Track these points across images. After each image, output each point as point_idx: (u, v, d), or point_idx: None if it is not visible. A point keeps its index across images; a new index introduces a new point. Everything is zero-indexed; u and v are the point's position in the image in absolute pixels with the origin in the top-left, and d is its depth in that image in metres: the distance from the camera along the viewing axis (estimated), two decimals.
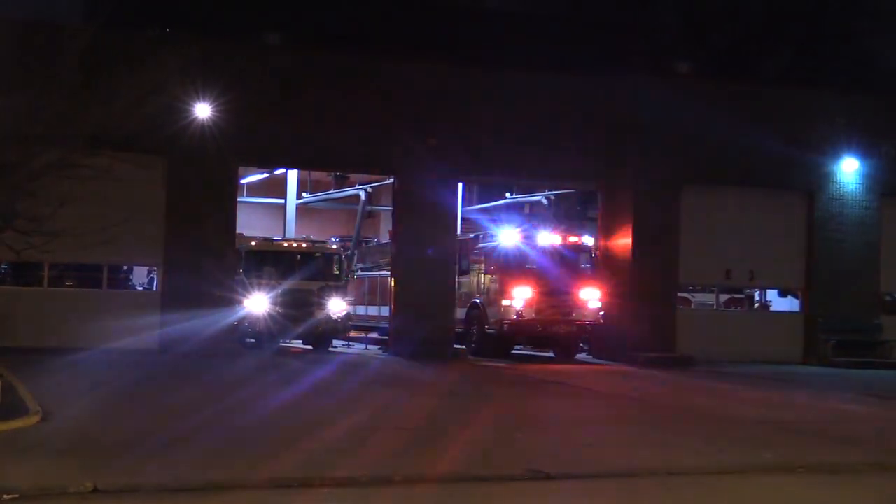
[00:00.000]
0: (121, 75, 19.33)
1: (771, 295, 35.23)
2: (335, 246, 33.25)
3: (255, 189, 38.95)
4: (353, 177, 37.33)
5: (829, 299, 32.17)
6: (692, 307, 34.77)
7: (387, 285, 31.81)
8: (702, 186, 31.29)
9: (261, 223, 37.53)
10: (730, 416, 18.02)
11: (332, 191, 39.30)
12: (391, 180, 31.93)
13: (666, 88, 31.02)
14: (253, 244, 31.19)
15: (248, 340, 30.09)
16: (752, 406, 19.73)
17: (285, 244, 32.47)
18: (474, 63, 31.33)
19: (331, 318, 30.78)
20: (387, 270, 32.51)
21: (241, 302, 28.98)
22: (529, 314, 28.91)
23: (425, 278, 29.45)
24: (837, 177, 32.57)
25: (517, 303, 28.83)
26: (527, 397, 20.65)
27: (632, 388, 22.70)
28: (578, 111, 30.59)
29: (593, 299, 29.49)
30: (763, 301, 34.73)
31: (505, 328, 29.01)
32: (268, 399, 18.09)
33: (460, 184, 31.76)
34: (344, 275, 32.51)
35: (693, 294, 35.76)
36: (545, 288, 29.25)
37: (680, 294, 32.47)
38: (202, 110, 26.51)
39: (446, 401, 18.88)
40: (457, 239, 31.51)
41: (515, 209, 37.75)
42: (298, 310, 30.02)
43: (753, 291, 35.85)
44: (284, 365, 25.76)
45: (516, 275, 29.23)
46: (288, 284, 30.20)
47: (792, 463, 12.94)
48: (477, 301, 30.06)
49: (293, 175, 36.67)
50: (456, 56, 32.46)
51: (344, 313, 31.46)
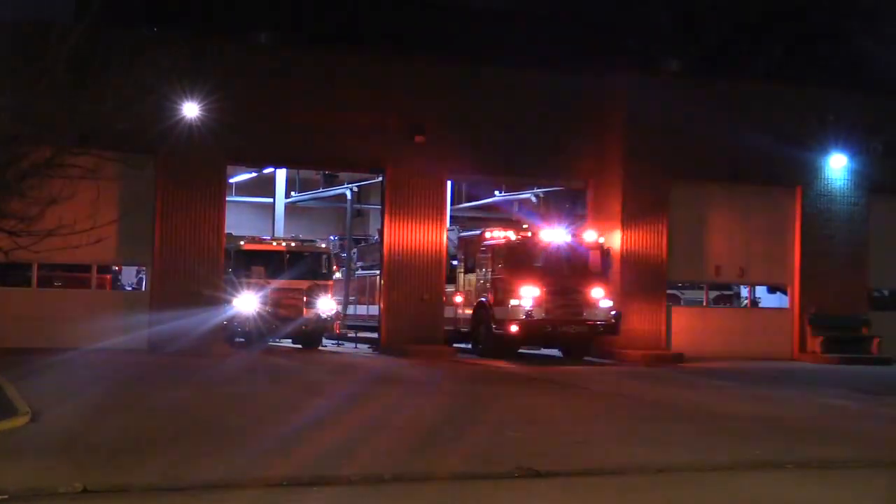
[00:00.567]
0: (110, 75, 19.30)
1: (760, 291, 35.32)
2: (324, 245, 33.21)
3: (244, 188, 38.90)
4: (342, 175, 37.29)
5: (819, 295, 32.28)
6: (681, 304, 34.81)
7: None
8: (691, 183, 31.36)
9: (250, 222, 37.48)
10: (720, 413, 18.05)
11: (321, 189, 39.26)
12: (379, 179, 31.92)
13: (655, 86, 31.15)
14: (242, 243, 31.10)
15: (238, 340, 30.07)
16: (742, 402, 19.81)
17: (274, 243, 32.39)
18: (463, 61, 31.37)
19: (320, 318, 30.78)
20: None
21: (230, 301, 28.95)
22: (539, 314, 27.83)
23: (415, 277, 29.48)
24: (826, 173, 32.70)
25: (526, 302, 27.75)
26: (514, 395, 20.64)
27: (622, 385, 22.71)
28: (568, 109, 30.66)
29: (605, 298, 28.53)
30: (752, 297, 34.81)
31: (513, 329, 27.77)
32: (257, 398, 18.11)
33: (449, 182, 31.72)
34: (332, 274, 32.56)
35: (682, 291, 35.82)
36: (555, 287, 28.20)
37: (669, 291, 32.50)
38: (191, 110, 26.41)
39: (434, 399, 18.88)
40: (460, 236, 31.40)
41: (505, 207, 37.77)
42: (287, 309, 30.04)
43: (740, 288, 35.94)
44: (273, 364, 25.75)
45: (525, 273, 28.26)
46: (277, 283, 30.18)
47: (781, 459, 13.00)
48: (484, 300, 28.98)
49: (282, 174, 36.63)
50: (444, 55, 32.49)
51: (333, 312, 31.45)
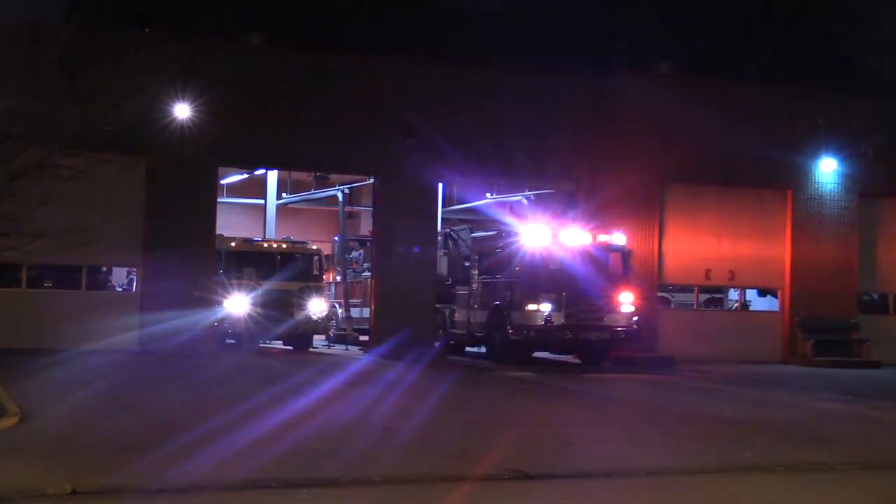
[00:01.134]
0: (100, 75, 19.30)
1: (751, 294, 35.38)
2: (315, 246, 33.22)
3: (235, 189, 38.84)
4: (334, 177, 37.27)
5: (808, 299, 32.40)
6: (672, 307, 34.87)
7: None
8: (683, 186, 31.47)
9: (241, 224, 37.46)
10: (710, 416, 18.09)
11: (312, 191, 39.24)
12: (371, 181, 31.93)
13: (647, 89, 31.16)
14: (233, 245, 31.15)
15: (228, 341, 30.05)
16: (733, 406, 19.82)
17: (265, 245, 32.42)
18: (453, 64, 31.37)
19: (311, 319, 30.84)
20: None
21: (221, 303, 28.95)
22: (559, 320, 26.50)
23: (406, 278, 29.49)
24: (816, 177, 32.83)
25: (545, 307, 26.49)
26: (503, 397, 20.65)
27: (614, 388, 22.74)
28: (561, 112, 30.72)
29: (626, 303, 27.27)
30: (743, 300, 34.87)
31: (532, 335, 26.74)
32: (246, 400, 18.07)
33: (440, 184, 31.76)
34: (323, 275, 32.61)
35: (672, 294, 35.87)
36: (575, 292, 26.80)
37: (659, 294, 32.55)
38: (182, 111, 26.46)
39: (423, 401, 18.86)
40: (473, 237, 30.95)
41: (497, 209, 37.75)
42: (278, 310, 30.05)
43: (728, 291, 35.98)
44: (264, 366, 25.74)
45: (544, 276, 27.03)
46: (268, 285, 30.22)
47: (771, 462, 13.03)
48: (499, 304, 27.69)
49: (273, 176, 36.60)
50: (436, 58, 32.48)
51: (324, 314, 31.49)
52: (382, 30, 46.40)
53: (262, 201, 37.28)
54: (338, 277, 35.51)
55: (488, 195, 37.49)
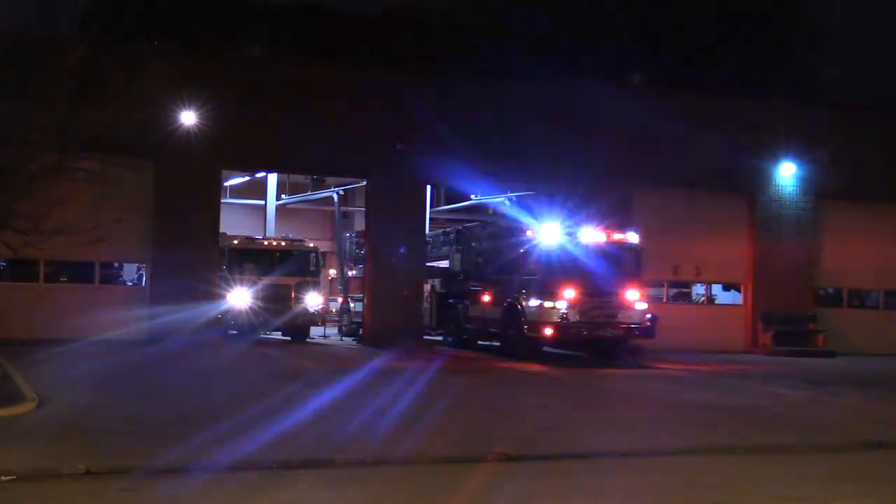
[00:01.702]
0: (113, 85, 19.30)
1: (716, 289, 35.45)
2: (312, 244, 33.22)
3: (238, 191, 38.82)
4: (329, 179, 37.29)
5: (769, 293, 32.56)
6: None
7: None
8: (654, 190, 31.48)
9: (243, 223, 37.41)
10: (679, 402, 18.17)
11: (309, 192, 39.27)
12: (364, 182, 31.95)
13: (622, 99, 31.19)
14: (235, 242, 31.23)
15: (231, 332, 30.07)
16: (700, 392, 19.90)
17: (265, 242, 32.58)
18: (441, 73, 31.46)
19: (307, 312, 30.99)
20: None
21: (225, 296, 29.03)
22: (575, 317, 25.13)
23: (397, 275, 29.52)
24: (777, 180, 32.95)
25: (562, 304, 25.06)
26: (484, 384, 20.69)
27: (588, 376, 22.78)
28: (540, 120, 30.63)
29: (640, 301, 26.03)
30: (709, 295, 34.94)
31: (548, 332, 25.31)
32: (248, 385, 18.12)
33: (429, 186, 31.78)
34: (320, 271, 32.72)
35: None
36: (591, 289, 25.49)
37: None
38: (188, 117, 26.46)
39: (410, 387, 18.84)
40: (486, 233, 30.48)
41: (480, 211, 37.73)
42: (277, 303, 30.15)
43: (695, 286, 36.01)
44: (264, 354, 25.76)
45: (560, 274, 25.41)
46: (268, 280, 30.37)
47: (734, 444, 13.11)
48: (514, 301, 26.31)
49: (273, 178, 36.61)
50: (424, 68, 32.54)
51: (320, 307, 31.62)
52: (375, 43, 46.51)
53: (263, 202, 37.30)
54: (349, 273, 35.54)
55: (473, 196, 37.49)
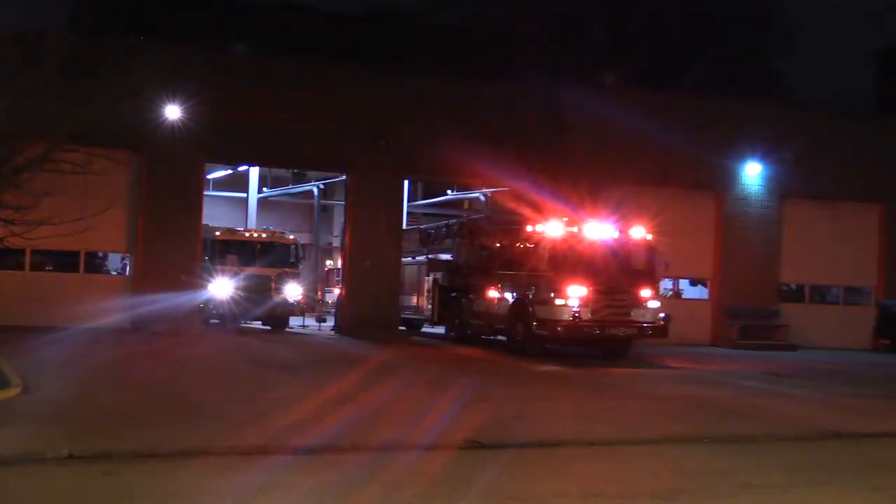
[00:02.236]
0: (100, 79, 19.24)
1: (683, 284, 35.59)
2: (292, 236, 33.20)
3: (221, 183, 38.78)
4: (310, 173, 37.29)
5: (735, 288, 32.76)
6: None
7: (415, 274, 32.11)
8: (624, 187, 31.52)
9: (225, 215, 37.39)
10: (646, 393, 18.25)
11: (290, 186, 39.27)
12: (344, 177, 31.92)
13: (595, 99, 31.25)
14: (217, 234, 31.20)
15: (213, 321, 30.06)
16: (666, 384, 20.00)
17: (247, 234, 32.57)
18: (419, 73, 31.43)
19: (287, 302, 31.03)
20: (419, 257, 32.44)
21: (207, 286, 29.02)
22: (586, 315, 23.65)
23: (373, 268, 29.52)
24: (742, 179, 33.14)
25: (573, 302, 23.61)
26: (451, 371, 20.69)
27: (559, 368, 22.82)
28: (516, 118, 30.68)
29: (653, 298, 24.63)
30: (676, 289, 35.07)
31: (559, 329, 23.85)
32: (229, 373, 18.07)
33: (406, 181, 31.78)
34: (300, 262, 32.75)
35: None
36: (603, 286, 23.98)
37: None
38: (173, 112, 26.46)
39: (383, 376, 18.85)
40: (493, 227, 29.71)
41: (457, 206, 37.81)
42: (258, 293, 30.16)
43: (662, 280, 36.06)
44: (245, 343, 25.68)
45: (571, 270, 23.96)
46: (249, 271, 30.39)
47: (699, 434, 13.18)
48: (522, 297, 24.93)
49: (255, 171, 36.59)
50: (403, 67, 32.53)
51: (299, 297, 31.66)
52: (356, 41, 46.40)
53: (245, 195, 37.31)
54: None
55: (449, 192, 37.57)
